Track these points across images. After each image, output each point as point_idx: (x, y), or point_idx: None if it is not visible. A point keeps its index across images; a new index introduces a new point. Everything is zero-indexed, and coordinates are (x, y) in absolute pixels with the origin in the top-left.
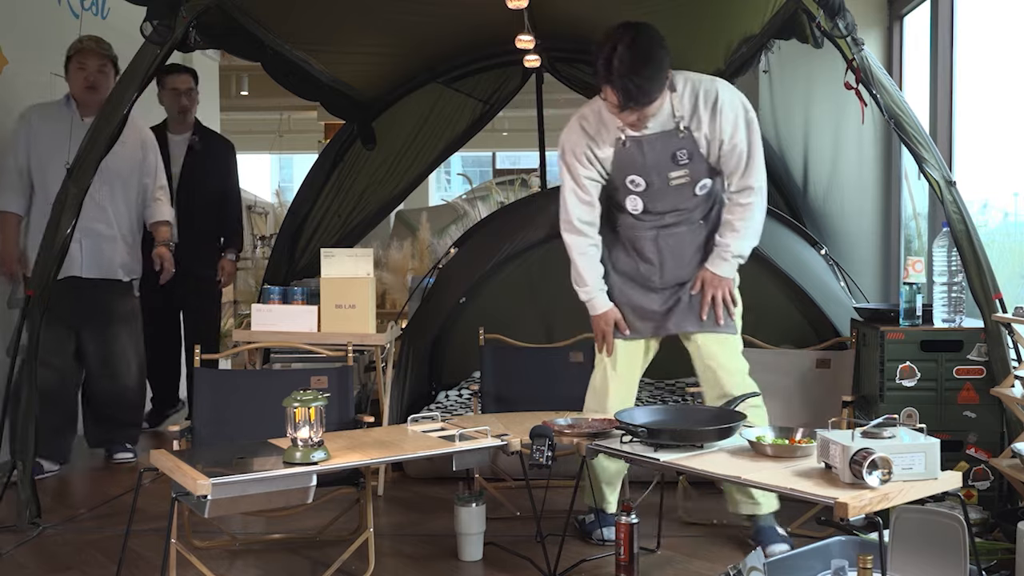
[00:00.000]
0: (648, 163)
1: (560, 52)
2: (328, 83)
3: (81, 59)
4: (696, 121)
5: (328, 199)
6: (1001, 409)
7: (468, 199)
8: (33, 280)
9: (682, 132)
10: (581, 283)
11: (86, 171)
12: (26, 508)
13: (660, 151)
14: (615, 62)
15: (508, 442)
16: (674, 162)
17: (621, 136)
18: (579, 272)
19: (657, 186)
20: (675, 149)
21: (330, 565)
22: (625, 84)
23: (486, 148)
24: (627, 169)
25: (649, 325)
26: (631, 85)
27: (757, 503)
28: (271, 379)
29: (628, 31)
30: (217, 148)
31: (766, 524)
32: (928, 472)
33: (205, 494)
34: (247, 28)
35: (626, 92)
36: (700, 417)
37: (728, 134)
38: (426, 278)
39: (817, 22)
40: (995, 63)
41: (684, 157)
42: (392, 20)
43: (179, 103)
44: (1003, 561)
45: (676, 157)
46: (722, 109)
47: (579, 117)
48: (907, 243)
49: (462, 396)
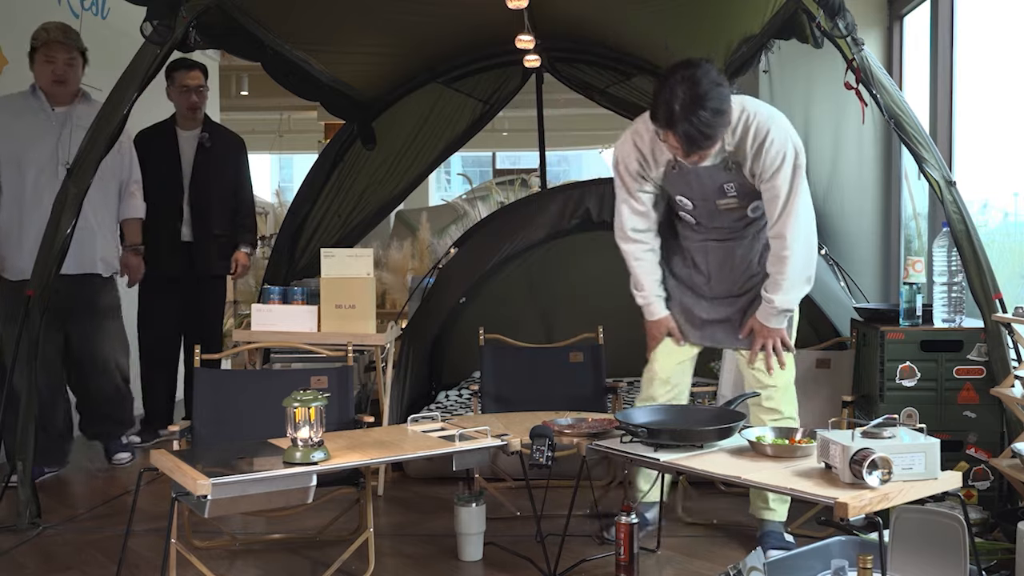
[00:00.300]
0: (694, 190)
1: (560, 52)
2: (328, 83)
3: (49, 52)
4: (743, 155)
5: (328, 199)
6: (1001, 409)
7: (468, 199)
8: (33, 280)
9: (731, 166)
10: (639, 288)
11: (86, 171)
12: (26, 508)
13: (708, 182)
14: (676, 108)
15: (508, 442)
16: (722, 193)
17: (672, 159)
18: (636, 277)
19: (706, 208)
20: (723, 182)
21: (330, 565)
22: (688, 130)
23: (486, 148)
24: (676, 189)
25: (696, 332)
26: (694, 131)
27: (772, 509)
28: (271, 379)
29: (687, 73)
30: (228, 144)
31: (774, 529)
32: (928, 472)
33: (205, 494)
34: (247, 28)
35: (689, 139)
36: (700, 417)
37: (769, 175)
38: (426, 278)
39: (817, 22)
40: (995, 63)
41: (732, 190)
42: (392, 20)
43: (189, 100)
44: (1003, 561)
45: (724, 189)
46: (768, 149)
47: (633, 133)
48: (907, 243)
49: (462, 396)
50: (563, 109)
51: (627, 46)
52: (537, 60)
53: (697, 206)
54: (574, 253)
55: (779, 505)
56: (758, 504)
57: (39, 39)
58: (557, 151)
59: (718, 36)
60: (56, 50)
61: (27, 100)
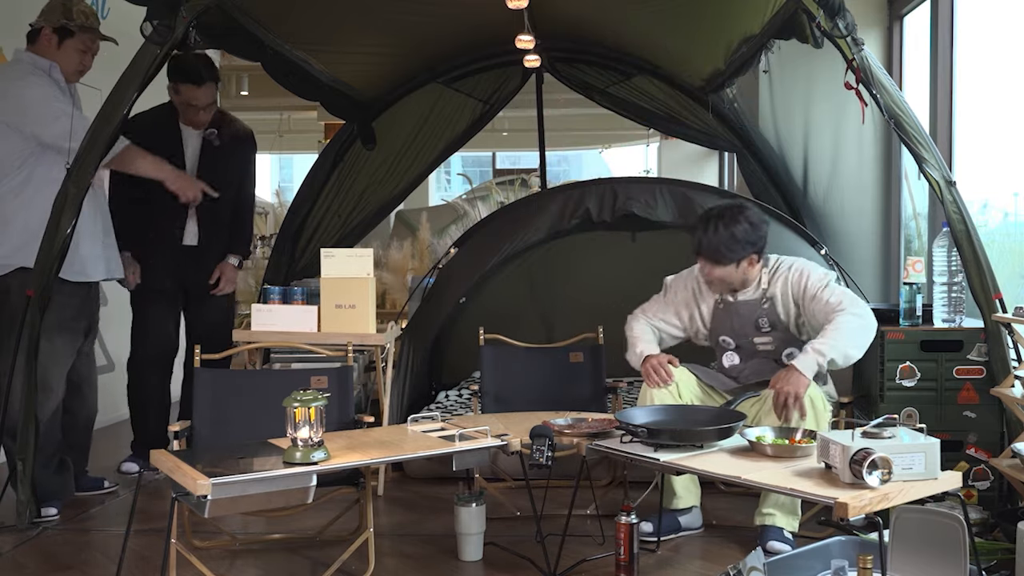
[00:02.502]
0: (736, 329)
1: (560, 52)
2: (328, 83)
3: (88, 40)
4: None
5: (328, 199)
6: (1001, 409)
7: (468, 199)
8: (33, 280)
9: (765, 302)
10: (632, 345)
11: (86, 171)
12: (26, 508)
13: (746, 316)
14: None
15: (508, 442)
16: (757, 329)
17: (719, 297)
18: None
19: (746, 348)
20: (758, 317)
21: (330, 565)
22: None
23: (486, 148)
24: (720, 328)
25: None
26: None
27: (772, 514)
28: (271, 379)
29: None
30: (236, 138)
31: (773, 525)
32: (928, 472)
33: (205, 494)
34: (247, 28)
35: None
36: (700, 417)
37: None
38: (426, 278)
39: (817, 22)
40: (995, 63)
41: (766, 325)
42: (392, 20)
43: (196, 118)
44: (1003, 561)
45: (759, 324)
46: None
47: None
48: (907, 243)
49: (462, 396)
50: (563, 109)
51: (627, 46)
52: (537, 60)
53: (740, 345)
54: (574, 253)
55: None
56: (762, 509)
57: (76, 21)
58: (557, 151)
59: (718, 36)
60: (95, 40)
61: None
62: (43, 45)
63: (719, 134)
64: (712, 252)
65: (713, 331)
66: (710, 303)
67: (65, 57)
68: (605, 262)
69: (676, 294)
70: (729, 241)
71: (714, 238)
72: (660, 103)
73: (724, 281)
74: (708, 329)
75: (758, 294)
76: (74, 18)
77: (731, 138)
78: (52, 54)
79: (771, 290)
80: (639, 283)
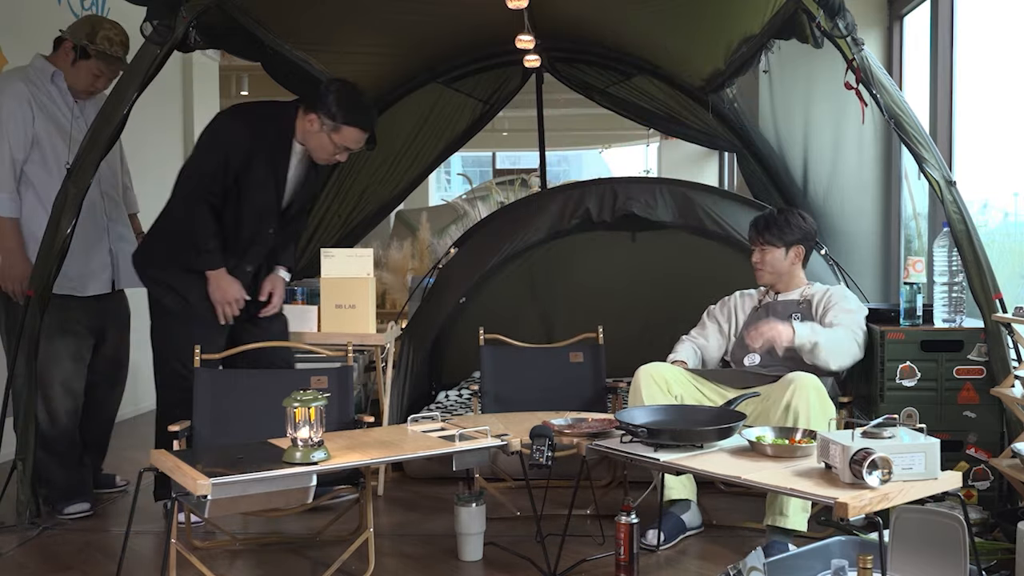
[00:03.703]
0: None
1: (560, 52)
2: None
3: (105, 66)
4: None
5: (328, 199)
6: (1001, 409)
7: (468, 199)
8: (33, 280)
9: (803, 303)
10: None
11: (86, 171)
12: (26, 508)
13: (781, 313)
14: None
15: (508, 442)
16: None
17: (758, 302)
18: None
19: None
20: (791, 313)
21: (330, 565)
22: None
23: (486, 148)
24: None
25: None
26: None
27: (785, 516)
28: (271, 379)
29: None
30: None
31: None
32: (928, 472)
33: (205, 494)
34: (247, 28)
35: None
36: (700, 417)
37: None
38: (426, 278)
39: (817, 22)
40: (995, 63)
41: (798, 316)
42: (392, 20)
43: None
44: (1003, 561)
45: (791, 318)
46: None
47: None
48: (907, 243)
49: (462, 396)
50: (563, 109)
51: (627, 46)
52: (537, 60)
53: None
54: (574, 253)
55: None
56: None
57: (98, 46)
58: (557, 151)
59: (718, 36)
60: (113, 68)
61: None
62: (61, 56)
63: (719, 134)
64: (767, 230)
65: (744, 327)
66: (747, 309)
67: (76, 75)
68: (605, 262)
69: (718, 310)
70: (784, 224)
71: (771, 219)
72: (660, 103)
73: (774, 268)
74: (741, 328)
75: (798, 295)
76: (97, 42)
77: (731, 138)
78: (66, 68)
79: (810, 291)
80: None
